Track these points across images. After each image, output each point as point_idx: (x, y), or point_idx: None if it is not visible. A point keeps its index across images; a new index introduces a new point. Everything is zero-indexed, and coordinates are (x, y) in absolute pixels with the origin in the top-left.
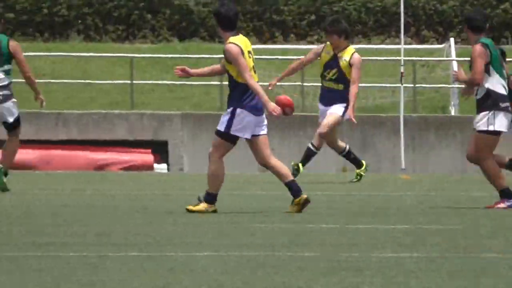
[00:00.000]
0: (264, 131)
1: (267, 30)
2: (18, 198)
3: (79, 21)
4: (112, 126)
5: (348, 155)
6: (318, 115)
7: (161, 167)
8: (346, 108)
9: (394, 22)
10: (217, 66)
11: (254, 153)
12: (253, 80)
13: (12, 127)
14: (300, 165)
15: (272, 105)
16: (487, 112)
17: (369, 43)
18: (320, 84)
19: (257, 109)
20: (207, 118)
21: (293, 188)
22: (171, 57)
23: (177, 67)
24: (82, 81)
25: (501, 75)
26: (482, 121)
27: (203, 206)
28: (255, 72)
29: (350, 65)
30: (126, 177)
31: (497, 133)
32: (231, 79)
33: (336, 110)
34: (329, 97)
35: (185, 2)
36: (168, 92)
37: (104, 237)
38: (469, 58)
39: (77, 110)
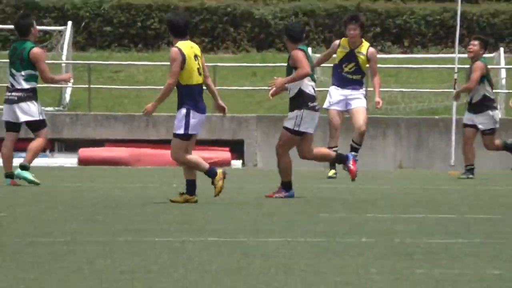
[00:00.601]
0: None
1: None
2: (112, 190)
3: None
4: None
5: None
6: (328, 100)
7: (237, 164)
8: (365, 97)
9: (451, 34)
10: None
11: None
12: (172, 83)
13: (34, 128)
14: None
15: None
16: (297, 111)
17: (427, 52)
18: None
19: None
20: (279, 120)
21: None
22: (250, 66)
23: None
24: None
25: (312, 77)
26: (291, 120)
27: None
28: (200, 74)
29: (368, 59)
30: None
31: (300, 133)
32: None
33: (361, 104)
34: (345, 82)
35: (264, 16)
36: (246, 97)
37: (186, 224)
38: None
39: (166, 113)
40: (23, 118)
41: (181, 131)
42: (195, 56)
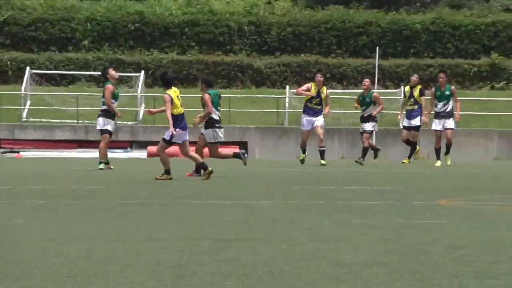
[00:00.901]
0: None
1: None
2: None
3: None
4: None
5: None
6: (302, 124)
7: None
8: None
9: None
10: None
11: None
12: (168, 112)
13: (101, 133)
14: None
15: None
16: (211, 129)
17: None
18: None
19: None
20: (269, 129)
21: None
22: (251, 97)
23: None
24: None
25: (216, 108)
26: (208, 135)
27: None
28: (181, 107)
29: (326, 96)
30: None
31: (213, 143)
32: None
33: (321, 123)
34: (314, 112)
35: (259, 66)
36: (249, 116)
37: (267, 195)
38: None
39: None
40: (98, 127)
41: (167, 137)
42: (177, 96)
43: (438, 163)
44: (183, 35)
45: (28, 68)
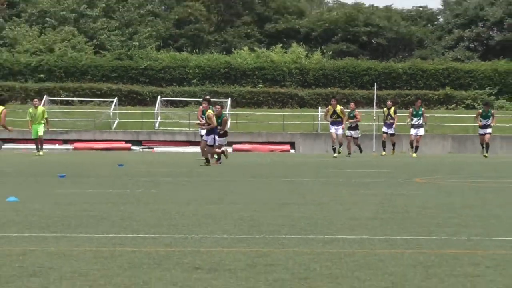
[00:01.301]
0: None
1: None
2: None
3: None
4: None
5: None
6: (330, 129)
7: (292, 151)
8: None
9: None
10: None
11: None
12: (213, 124)
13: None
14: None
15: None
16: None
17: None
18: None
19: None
20: (309, 134)
21: None
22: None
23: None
24: None
25: (219, 123)
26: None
27: None
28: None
29: (341, 111)
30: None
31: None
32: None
33: (342, 131)
34: (335, 123)
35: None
36: (292, 125)
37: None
38: None
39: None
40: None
41: (211, 143)
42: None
43: (414, 155)
44: (254, 75)
45: (159, 96)
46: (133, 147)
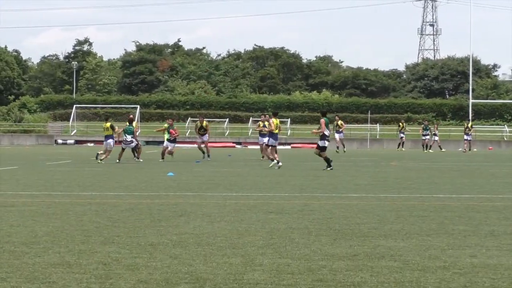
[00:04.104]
0: None
1: None
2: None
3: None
4: None
5: None
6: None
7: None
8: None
9: None
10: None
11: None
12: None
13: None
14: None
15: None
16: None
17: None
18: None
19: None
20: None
21: None
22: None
23: None
24: None
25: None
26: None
27: None
28: (276, 128)
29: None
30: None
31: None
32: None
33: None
34: (337, 132)
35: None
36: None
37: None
38: None
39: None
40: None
41: (269, 143)
42: (277, 124)
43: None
44: (303, 107)
45: (251, 118)
46: (237, 146)
